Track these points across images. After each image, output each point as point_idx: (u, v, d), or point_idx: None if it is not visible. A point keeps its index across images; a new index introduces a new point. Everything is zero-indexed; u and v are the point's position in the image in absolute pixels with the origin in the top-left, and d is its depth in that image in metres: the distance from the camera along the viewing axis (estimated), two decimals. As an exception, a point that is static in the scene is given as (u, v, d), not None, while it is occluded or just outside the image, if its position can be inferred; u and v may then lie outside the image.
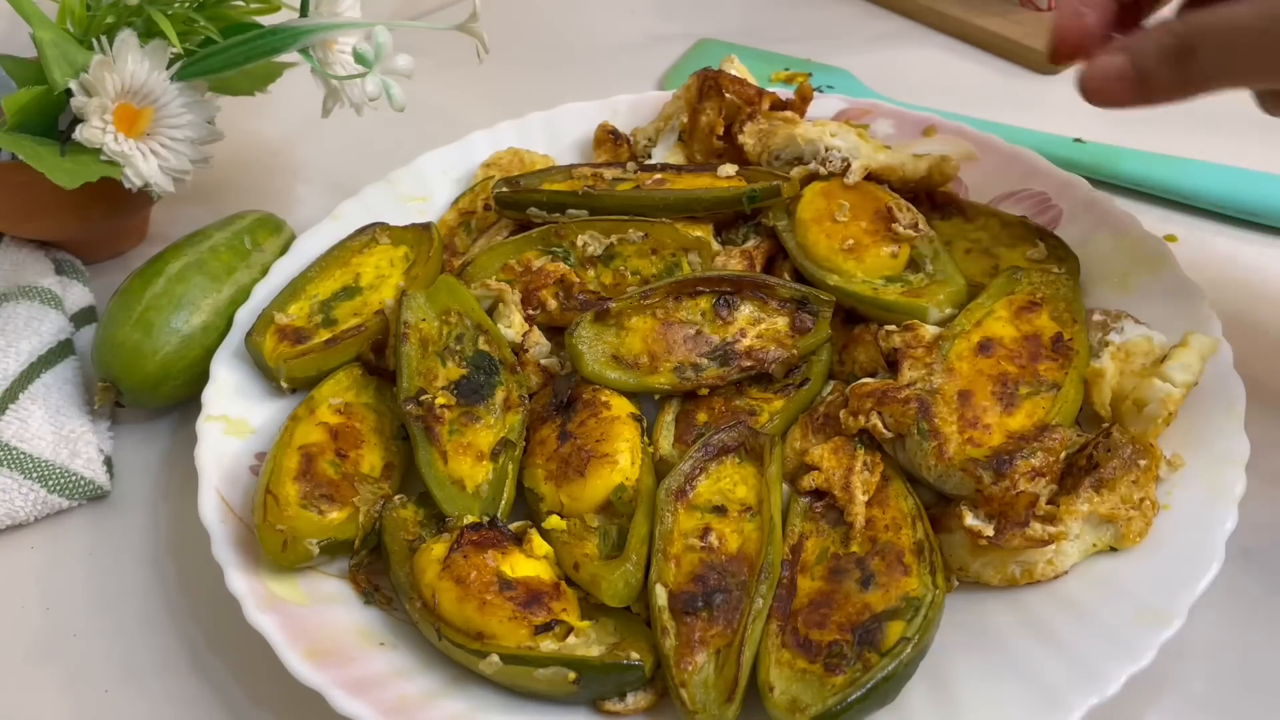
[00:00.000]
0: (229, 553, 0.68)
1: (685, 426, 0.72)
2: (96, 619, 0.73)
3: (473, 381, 0.73)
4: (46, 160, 0.79)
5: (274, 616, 0.64)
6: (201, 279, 0.83)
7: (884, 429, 0.67)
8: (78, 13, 0.84)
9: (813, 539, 0.65)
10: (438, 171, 0.94)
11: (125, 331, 0.80)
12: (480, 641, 0.61)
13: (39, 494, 0.77)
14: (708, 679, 0.59)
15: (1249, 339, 0.76)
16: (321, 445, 0.71)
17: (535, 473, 0.70)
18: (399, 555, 0.67)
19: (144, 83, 0.81)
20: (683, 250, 0.80)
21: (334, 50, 0.86)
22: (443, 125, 0.98)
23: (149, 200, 0.95)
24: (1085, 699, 0.56)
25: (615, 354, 0.74)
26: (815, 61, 1.11)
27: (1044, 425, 0.65)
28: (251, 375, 0.79)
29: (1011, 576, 0.63)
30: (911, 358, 0.70)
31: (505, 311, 0.77)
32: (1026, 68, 1.09)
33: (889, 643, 0.58)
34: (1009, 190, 0.85)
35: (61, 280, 0.92)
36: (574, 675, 0.60)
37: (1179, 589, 0.59)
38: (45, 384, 0.82)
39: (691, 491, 0.67)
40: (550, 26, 1.25)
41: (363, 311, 0.80)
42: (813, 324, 0.74)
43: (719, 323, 0.75)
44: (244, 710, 0.67)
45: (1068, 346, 0.69)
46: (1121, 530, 0.63)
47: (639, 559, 0.64)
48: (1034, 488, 0.62)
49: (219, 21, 0.85)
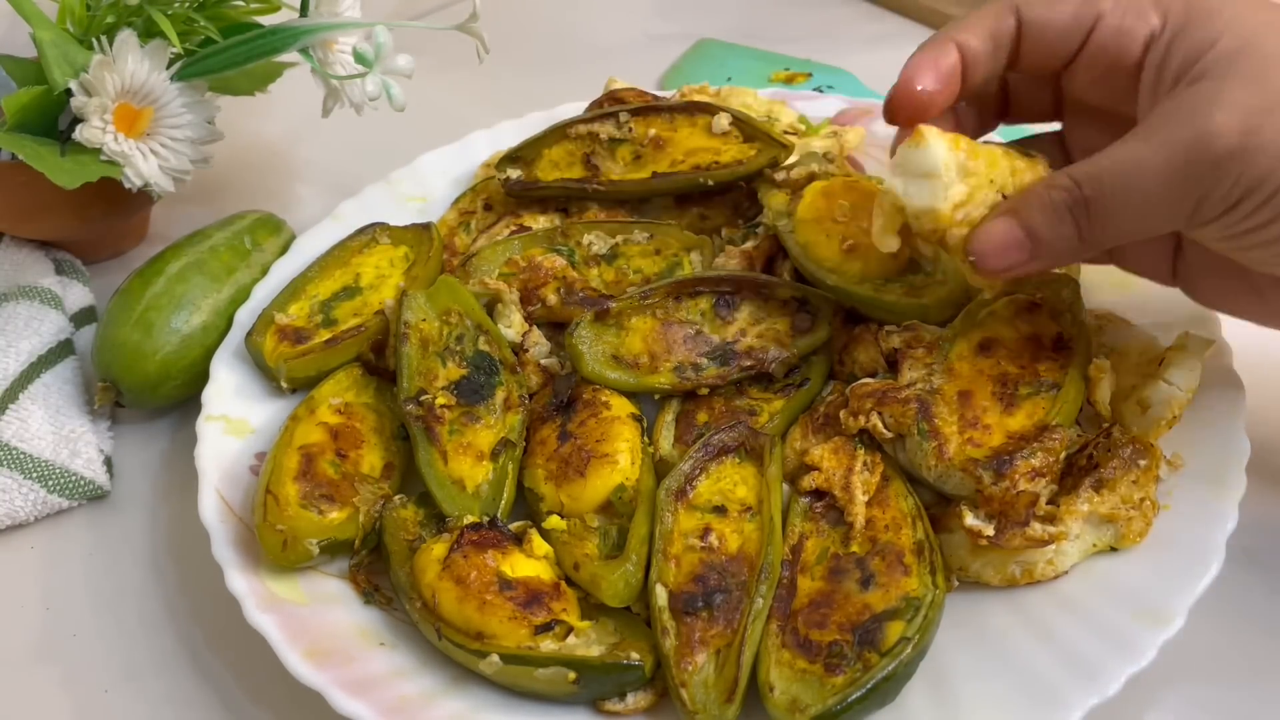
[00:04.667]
0: (229, 553, 0.68)
1: (685, 426, 0.72)
2: (96, 619, 0.73)
3: (473, 381, 0.73)
4: (46, 160, 0.79)
5: (274, 616, 0.64)
6: (201, 279, 0.83)
7: (884, 429, 0.67)
8: (78, 13, 0.84)
9: (813, 539, 0.65)
10: (438, 171, 0.94)
11: (125, 331, 0.80)
12: (480, 641, 0.61)
13: (39, 494, 0.77)
14: (708, 679, 0.59)
15: (1249, 339, 0.76)
16: (321, 445, 0.71)
17: (535, 473, 0.70)
18: (399, 555, 0.67)
19: (144, 83, 0.81)
20: (684, 250, 0.80)
21: (334, 50, 0.86)
22: (443, 125, 0.98)
23: (149, 200, 0.95)
24: (1085, 699, 0.56)
25: (615, 354, 0.74)
26: (815, 61, 1.11)
27: (1044, 425, 0.65)
28: (251, 375, 0.79)
29: (1011, 576, 0.63)
30: (912, 358, 0.70)
31: (505, 311, 0.77)
32: (1026, 68, 1.09)
33: (889, 643, 0.58)
34: (1009, 190, 0.85)
35: (61, 280, 0.92)
36: (574, 675, 0.60)
37: (1179, 589, 0.59)
38: (45, 384, 0.82)
39: (691, 491, 0.67)
40: (550, 26, 1.25)
41: (363, 311, 0.80)
42: (813, 324, 0.74)
43: (719, 323, 0.75)
44: (244, 710, 0.67)
45: (1068, 347, 0.69)
46: (1122, 530, 0.63)
47: (639, 559, 0.64)
48: (1034, 488, 0.62)
49: (219, 21, 0.85)
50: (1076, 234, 0.58)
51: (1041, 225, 0.59)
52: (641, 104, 0.88)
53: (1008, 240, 0.60)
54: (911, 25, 1.17)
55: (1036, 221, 0.59)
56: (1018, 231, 0.60)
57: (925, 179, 0.61)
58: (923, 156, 0.61)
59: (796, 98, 0.94)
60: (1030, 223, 0.59)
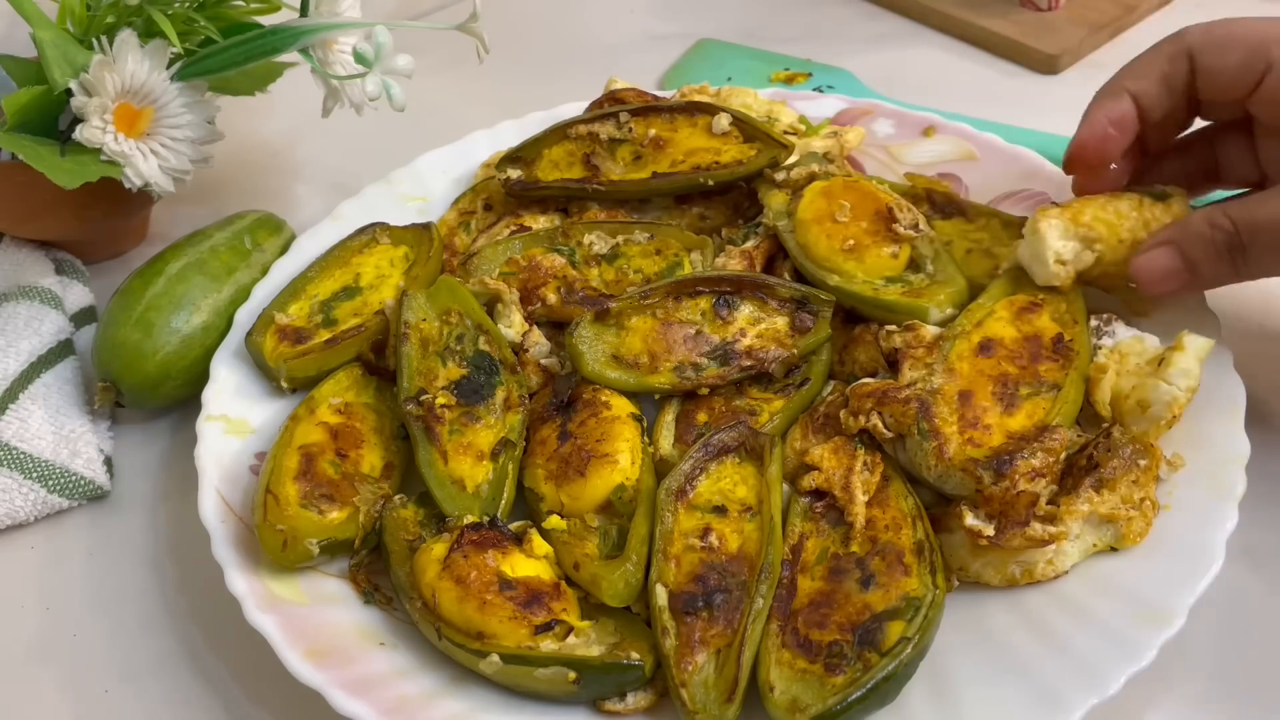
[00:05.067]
0: (229, 553, 0.68)
1: (685, 426, 0.72)
2: (96, 619, 0.73)
3: (473, 381, 0.73)
4: (46, 160, 0.79)
5: (274, 616, 0.64)
6: (201, 279, 0.83)
7: (884, 429, 0.67)
8: (78, 13, 0.84)
9: (813, 539, 0.65)
10: (438, 171, 0.94)
11: (125, 331, 0.80)
12: (480, 641, 0.61)
13: (39, 494, 0.77)
14: (708, 679, 0.59)
15: (1249, 339, 0.76)
16: (321, 445, 0.71)
17: (535, 473, 0.70)
18: (399, 555, 0.67)
19: (144, 83, 0.81)
20: (685, 250, 0.80)
21: (334, 50, 0.86)
22: (443, 125, 0.98)
23: (149, 200, 0.95)
24: (1085, 699, 0.56)
25: (615, 354, 0.74)
26: (815, 61, 1.11)
27: (1044, 426, 0.65)
28: (251, 375, 0.79)
29: (1011, 576, 0.63)
30: (912, 358, 0.70)
31: (505, 311, 0.77)
32: (1026, 68, 1.09)
33: (889, 643, 0.58)
34: (1009, 190, 0.85)
35: (61, 280, 0.92)
36: (574, 675, 0.60)
37: (1179, 589, 0.59)
38: (45, 384, 0.82)
39: (691, 491, 0.67)
40: (550, 26, 1.25)
41: (363, 311, 0.80)
42: (813, 324, 0.74)
43: (719, 322, 0.75)
44: (244, 710, 0.67)
45: (1068, 347, 0.69)
46: (1122, 530, 0.63)
47: (639, 559, 0.64)
48: (1034, 488, 0.62)
49: (219, 21, 0.85)
50: (1233, 271, 0.66)
51: (1201, 260, 0.66)
52: (641, 104, 0.88)
53: (1169, 270, 0.67)
54: (911, 25, 1.16)
55: (1196, 255, 0.66)
56: (1177, 262, 0.67)
57: (1041, 264, 0.71)
58: (1037, 246, 0.71)
59: (796, 98, 0.94)
60: (1190, 255, 0.66)
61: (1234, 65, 0.67)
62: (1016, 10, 1.12)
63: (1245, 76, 0.67)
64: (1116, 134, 0.70)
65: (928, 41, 1.14)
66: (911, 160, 0.89)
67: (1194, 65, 0.68)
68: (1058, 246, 0.70)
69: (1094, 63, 1.08)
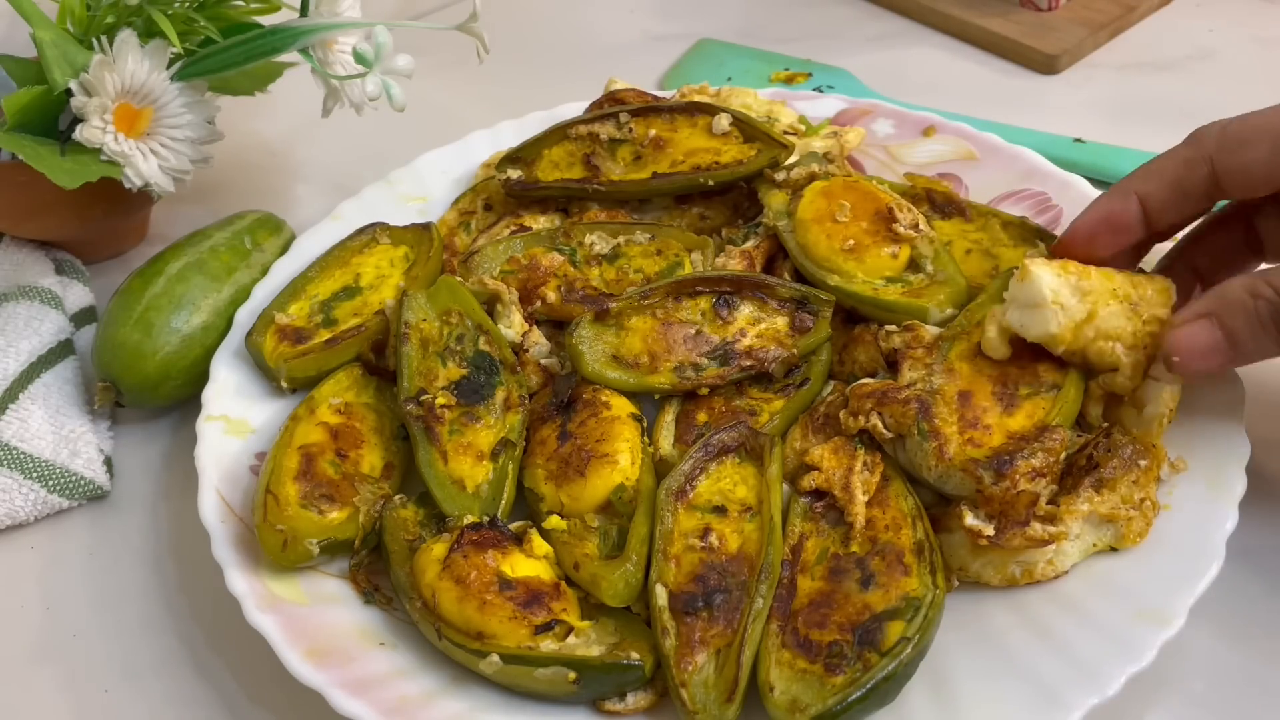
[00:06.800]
0: (229, 553, 0.68)
1: (685, 426, 0.72)
2: (96, 619, 0.73)
3: (473, 381, 0.73)
4: (46, 160, 0.79)
5: (274, 616, 0.64)
6: (201, 279, 0.83)
7: (884, 429, 0.67)
8: (78, 13, 0.84)
9: (813, 539, 0.65)
10: (438, 171, 0.94)
11: (125, 331, 0.80)
12: (480, 641, 0.61)
13: (39, 494, 0.77)
14: (708, 679, 0.59)
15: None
16: (321, 445, 0.71)
17: (535, 473, 0.70)
18: (399, 555, 0.67)
19: (144, 83, 0.81)
20: (686, 250, 0.80)
21: (334, 50, 0.86)
22: (443, 125, 0.98)
23: (149, 200, 0.95)
24: (1085, 699, 0.56)
25: (615, 354, 0.74)
26: (815, 61, 1.11)
27: (1044, 426, 0.65)
28: (251, 375, 0.79)
29: (1011, 576, 0.63)
30: (912, 358, 0.70)
31: (505, 311, 0.77)
32: (1026, 68, 1.09)
33: (889, 643, 0.58)
34: (1009, 190, 0.85)
35: (61, 280, 0.92)
36: (574, 675, 0.60)
37: (1179, 589, 0.59)
38: (45, 384, 0.82)
39: (691, 491, 0.67)
40: (550, 26, 1.25)
41: (363, 311, 0.80)
42: (813, 324, 0.74)
43: (719, 322, 0.75)
44: (244, 710, 0.67)
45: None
46: (1122, 530, 0.63)
47: (639, 559, 0.64)
48: (1034, 488, 0.62)
49: (219, 21, 0.85)
50: (1276, 343, 0.61)
51: (1244, 332, 0.62)
52: (642, 104, 0.88)
53: (1211, 345, 0.62)
54: (911, 25, 1.17)
55: (1239, 327, 0.62)
56: (1218, 335, 0.62)
57: (1036, 309, 0.65)
58: (1030, 290, 0.65)
59: (796, 98, 0.94)
60: (1232, 328, 0.62)
61: (1263, 159, 0.64)
62: (1016, 10, 1.12)
63: (1271, 174, 0.64)
64: (1108, 235, 0.68)
65: (928, 41, 1.14)
66: (911, 160, 0.89)
67: (1214, 169, 0.65)
68: (1054, 284, 0.65)
69: (1094, 63, 1.08)
